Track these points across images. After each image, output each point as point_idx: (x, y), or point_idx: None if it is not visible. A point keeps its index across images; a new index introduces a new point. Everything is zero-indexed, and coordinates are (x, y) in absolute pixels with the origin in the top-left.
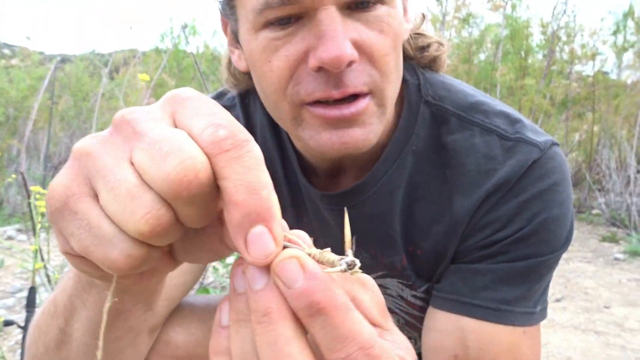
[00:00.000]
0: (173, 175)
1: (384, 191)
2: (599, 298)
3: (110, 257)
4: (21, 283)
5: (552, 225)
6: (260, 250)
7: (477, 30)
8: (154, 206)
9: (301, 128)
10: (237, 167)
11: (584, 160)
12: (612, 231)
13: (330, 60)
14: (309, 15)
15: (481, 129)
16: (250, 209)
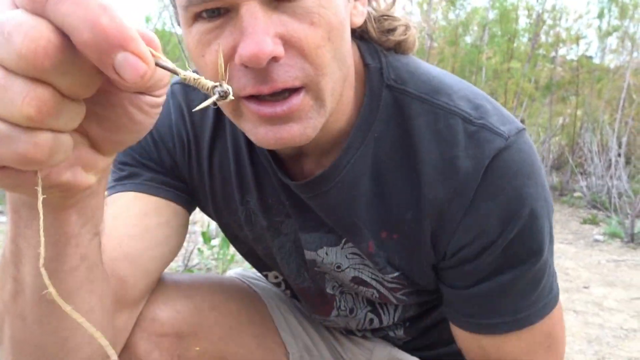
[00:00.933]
0: (25, 50)
1: (348, 180)
2: (578, 278)
3: (18, 151)
4: None
5: (537, 221)
6: (134, 73)
7: (464, 13)
8: (27, 88)
9: (242, 120)
10: (64, 9)
11: (567, 144)
12: (593, 213)
13: (248, 58)
14: (235, 8)
15: (445, 112)
16: (100, 42)
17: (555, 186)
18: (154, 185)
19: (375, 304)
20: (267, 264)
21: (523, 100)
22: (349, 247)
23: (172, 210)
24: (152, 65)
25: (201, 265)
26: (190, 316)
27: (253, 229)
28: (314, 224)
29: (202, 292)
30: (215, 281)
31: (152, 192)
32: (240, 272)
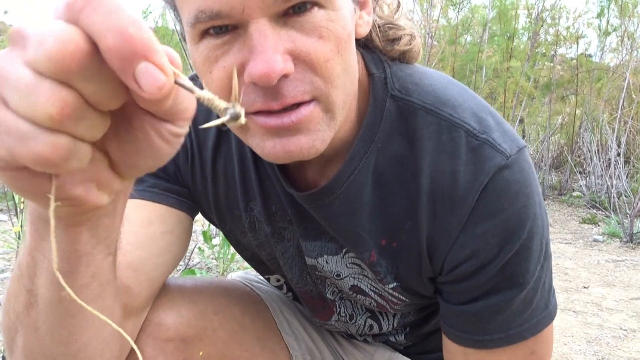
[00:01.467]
0: (55, 53)
1: (351, 191)
2: (577, 278)
3: (35, 150)
4: (3, 264)
5: (534, 240)
6: (152, 83)
7: (464, 12)
8: (53, 89)
9: (248, 135)
10: (95, 18)
11: (566, 143)
12: (592, 213)
13: (259, 77)
14: (243, 25)
15: (449, 124)
16: (124, 50)
17: (554, 185)
18: (157, 192)
19: (375, 311)
20: (270, 268)
21: (522, 99)
22: (350, 256)
23: (175, 218)
24: (171, 79)
25: (202, 265)
26: (195, 320)
27: (257, 235)
28: (316, 233)
29: (206, 296)
30: (219, 285)
31: (155, 199)
32: (243, 275)
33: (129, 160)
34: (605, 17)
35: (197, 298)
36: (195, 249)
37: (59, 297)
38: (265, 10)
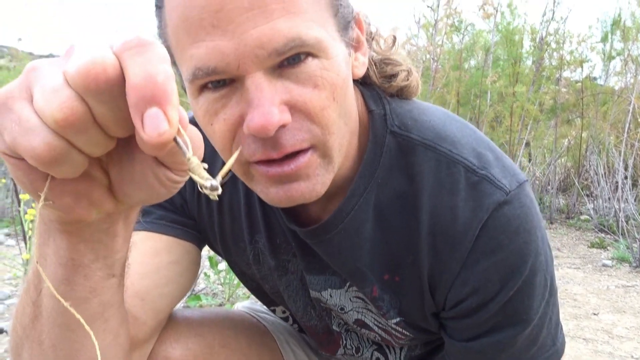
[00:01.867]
0: (82, 69)
1: (352, 226)
2: (587, 304)
3: (33, 143)
4: (10, 290)
5: (537, 276)
6: (154, 128)
7: (468, 37)
8: (69, 97)
9: (253, 182)
10: (138, 59)
11: (573, 165)
12: (600, 237)
13: (256, 130)
14: (240, 79)
15: (448, 159)
16: (146, 91)
17: (561, 209)
18: (164, 223)
19: (382, 344)
20: (275, 300)
21: (528, 123)
22: (353, 290)
23: (182, 249)
24: (173, 131)
25: (207, 290)
26: (202, 354)
27: (260, 268)
28: (319, 266)
29: (213, 328)
30: (225, 316)
31: (162, 230)
32: (249, 306)
33: (125, 187)
34: (609, 42)
35: (203, 330)
36: (201, 274)
37: (62, 306)
38: (260, 64)
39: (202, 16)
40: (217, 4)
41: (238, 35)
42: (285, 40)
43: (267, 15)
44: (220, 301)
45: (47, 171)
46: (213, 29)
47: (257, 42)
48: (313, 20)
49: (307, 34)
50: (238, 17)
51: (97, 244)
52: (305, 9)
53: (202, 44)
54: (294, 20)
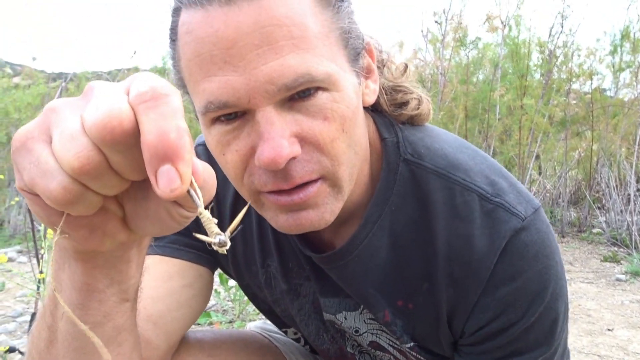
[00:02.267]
0: (99, 121)
1: (366, 253)
2: (601, 320)
3: (50, 186)
4: (22, 307)
5: (558, 301)
6: (166, 184)
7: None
8: (86, 147)
9: (263, 210)
10: (152, 114)
11: (584, 178)
12: (613, 251)
13: (267, 164)
14: (251, 112)
15: (461, 188)
16: (158, 149)
17: (573, 222)
18: (177, 247)
19: None
20: (286, 322)
21: (538, 136)
22: (367, 312)
23: (195, 272)
24: (185, 186)
25: (218, 307)
26: None
27: (272, 291)
28: (333, 290)
29: (225, 350)
30: (238, 338)
31: (175, 254)
32: (261, 326)
33: (139, 221)
34: (618, 54)
35: (216, 353)
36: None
37: (77, 330)
38: (271, 99)
39: (214, 52)
40: (228, 41)
41: (249, 71)
42: (295, 75)
43: (277, 51)
44: (230, 318)
45: (63, 210)
46: (225, 64)
47: (267, 78)
48: (323, 54)
49: (316, 70)
50: (249, 53)
51: (111, 270)
52: (315, 44)
53: (214, 79)
54: (303, 56)
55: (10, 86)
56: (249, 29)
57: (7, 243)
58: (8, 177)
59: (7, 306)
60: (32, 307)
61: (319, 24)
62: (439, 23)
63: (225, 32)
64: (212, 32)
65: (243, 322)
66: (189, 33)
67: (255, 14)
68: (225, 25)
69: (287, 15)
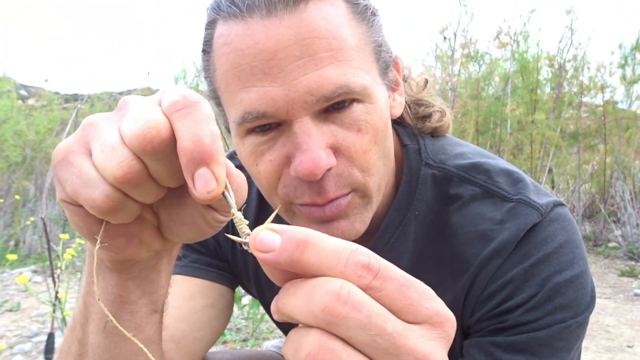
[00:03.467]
0: (139, 132)
1: (390, 258)
2: (621, 336)
3: (93, 195)
4: (38, 327)
5: (566, 289)
6: (203, 187)
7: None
8: (127, 157)
9: (294, 219)
10: (186, 122)
11: (597, 192)
12: (631, 265)
13: (305, 174)
14: (287, 123)
15: (483, 189)
16: (194, 154)
17: (588, 236)
18: (199, 267)
19: None
20: None
21: (550, 150)
22: None
23: (217, 292)
24: (221, 188)
25: (231, 326)
26: None
27: None
28: None
29: None
30: (255, 358)
31: (197, 274)
32: (278, 345)
33: (174, 228)
34: (629, 67)
35: None
36: None
37: (107, 343)
38: (308, 109)
39: (254, 64)
40: (269, 53)
41: (288, 82)
42: (334, 87)
43: (317, 63)
44: (244, 336)
45: (105, 218)
46: (264, 75)
47: (306, 89)
48: (359, 67)
49: (354, 82)
50: (289, 65)
51: (143, 281)
52: (352, 57)
53: (253, 90)
54: (342, 67)
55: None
56: (289, 41)
57: (22, 263)
58: (23, 197)
59: (23, 326)
60: (47, 327)
61: (356, 37)
62: (448, 39)
63: (266, 44)
64: (252, 44)
65: (257, 340)
66: (227, 45)
67: (296, 26)
68: (266, 38)
69: (326, 28)
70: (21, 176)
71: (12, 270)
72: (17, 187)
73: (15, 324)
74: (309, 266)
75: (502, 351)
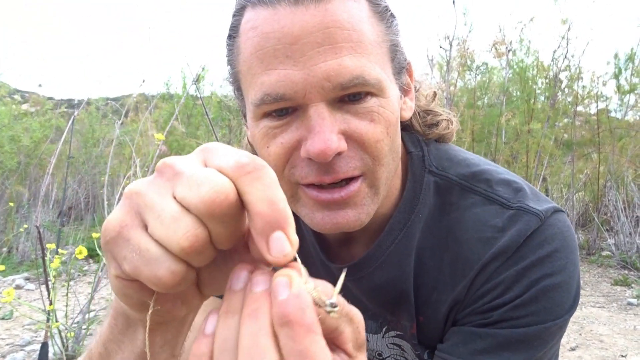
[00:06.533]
0: (207, 198)
1: (393, 260)
2: (614, 346)
3: (158, 273)
4: (30, 335)
5: (553, 292)
6: (280, 250)
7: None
8: (193, 225)
9: (299, 205)
10: (258, 185)
11: (591, 200)
12: (624, 274)
13: (316, 154)
14: (302, 108)
15: (483, 198)
16: (271, 217)
17: (581, 245)
18: None
19: None
20: None
21: (544, 159)
22: (390, 335)
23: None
24: (294, 251)
25: None
26: None
27: None
28: None
29: None
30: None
31: None
32: None
33: (215, 284)
34: (622, 77)
35: None
36: None
37: None
38: (325, 95)
39: (277, 47)
40: (292, 37)
41: (309, 66)
42: (351, 76)
43: (337, 51)
44: None
45: (165, 291)
46: (286, 59)
47: (324, 75)
48: (376, 62)
49: (369, 74)
50: (310, 50)
51: (169, 332)
52: (370, 51)
53: (274, 72)
54: (360, 59)
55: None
56: (313, 28)
57: (15, 270)
58: (17, 203)
59: (15, 334)
60: (40, 335)
61: (375, 34)
62: (444, 47)
63: (291, 28)
64: (278, 27)
65: None
66: (254, 29)
67: (321, 15)
68: (291, 23)
69: (348, 21)
70: (15, 182)
71: (4, 277)
72: (11, 194)
73: (8, 332)
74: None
75: (480, 341)
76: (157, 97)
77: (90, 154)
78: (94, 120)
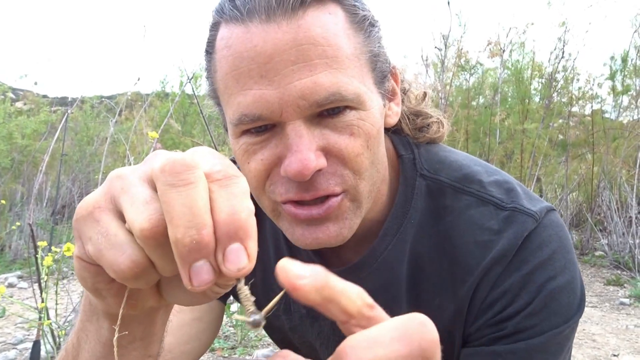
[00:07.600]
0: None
1: (386, 266)
2: (607, 345)
3: (119, 259)
4: (22, 334)
5: (560, 295)
6: (235, 264)
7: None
8: (158, 211)
9: (280, 220)
10: (223, 193)
11: (584, 201)
12: (617, 274)
13: (294, 175)
14: (280, 124)
15: (477, 198)
16: (229, 227)
17: (575, 245)
18: None
19: None
20: (302, 352)
21: (538, 159)
22: None
23: (206, 305)
24: (251, 265)
25: (220, 333)
26: None
27: (291, 317)
28: None
29: None
30: None
31: None
32: (269, 355)
33: (172, 290)
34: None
35: None
36: None
37: None
38: (301, 113)
39: (251, 67)
40: (266, 56)
41: (283, 85)
42: (326, 93)
43: (311, 69)
44: (232, 344)
45: (124, 283)
46: (261, 78)
47: (299, 94)
48: (353, 75)
49: (346, 90)
50: (284, 68)
51: (135, 329)
52: (347, 65)
53: (250, 92)
54: (336, 75)
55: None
56: (286, 46)
57: (7, 268)
58: (9, 201)
59: (8, 333)
60: (32, 334)
61: (352, 47)
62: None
63: (264, 47)
64: (250, 47)
65: (245, 348)
66: (227, 47)
67: (293, 32)
68: (264, 42)
69: (322, 36)
70: (8, 180)
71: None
72: (4, 191)
73: (0, 330)
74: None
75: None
76: (152, 95)
77: (84, 152)
78: (88, 118)
